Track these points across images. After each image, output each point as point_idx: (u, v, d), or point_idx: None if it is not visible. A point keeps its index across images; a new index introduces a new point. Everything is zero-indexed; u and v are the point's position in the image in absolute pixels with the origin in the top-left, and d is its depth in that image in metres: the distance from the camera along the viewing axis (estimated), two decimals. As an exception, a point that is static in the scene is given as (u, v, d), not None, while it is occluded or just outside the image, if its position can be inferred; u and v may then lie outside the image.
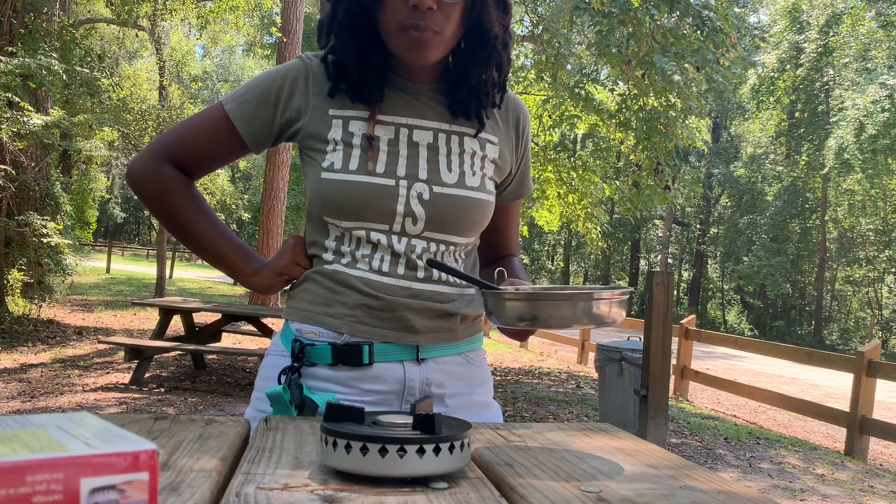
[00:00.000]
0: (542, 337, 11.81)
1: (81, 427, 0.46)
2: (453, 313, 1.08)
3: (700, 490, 0.69)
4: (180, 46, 26.24)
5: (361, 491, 0.63)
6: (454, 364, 1.10)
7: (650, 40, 6.77)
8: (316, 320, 1.07)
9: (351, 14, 1.01)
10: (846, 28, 22.93)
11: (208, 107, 1.13)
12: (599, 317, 0.84)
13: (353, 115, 1.06)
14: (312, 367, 1.05)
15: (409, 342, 1.05)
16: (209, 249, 1.13)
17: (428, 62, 1.02)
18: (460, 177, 1.07)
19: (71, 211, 11.17)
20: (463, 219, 1.06)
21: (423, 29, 0.97)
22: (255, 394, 1.12)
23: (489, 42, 1.04)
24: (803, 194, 26.89)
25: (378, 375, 1.05)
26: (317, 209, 1.06)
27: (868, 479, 4.88)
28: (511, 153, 1.16)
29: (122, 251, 40.08)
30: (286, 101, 1.08)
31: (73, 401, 5.38)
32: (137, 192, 1.13)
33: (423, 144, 1.06)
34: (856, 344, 24.36)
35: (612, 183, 10.81)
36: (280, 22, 12.47)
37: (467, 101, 1.08)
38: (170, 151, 1.10)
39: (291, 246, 1.12)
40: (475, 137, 1.10)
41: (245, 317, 6.79)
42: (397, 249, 1.04)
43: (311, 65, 1.09)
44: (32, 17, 9.02)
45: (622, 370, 5.45)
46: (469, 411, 1.11)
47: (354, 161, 1.03)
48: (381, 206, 1.03)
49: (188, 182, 1.12)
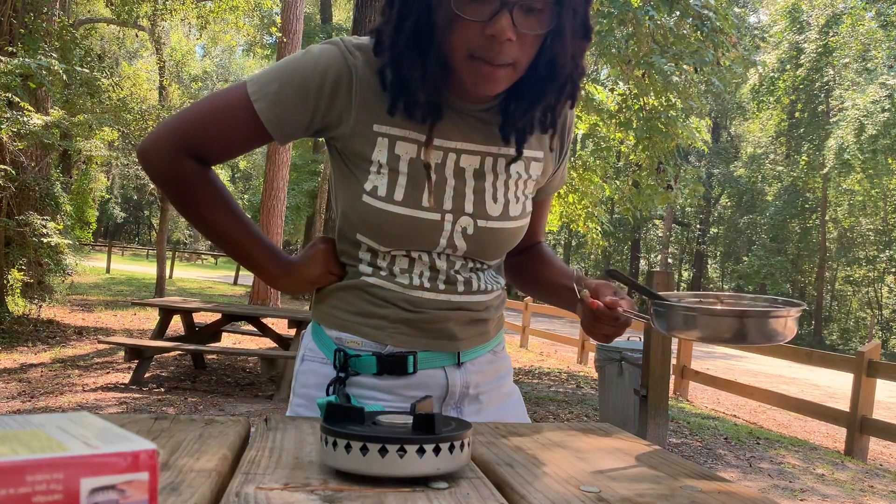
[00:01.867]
0: (543, 337, 11.81)
1: (81, 427, 0.46)
2: (488, 319, 1.10)
3: (700, 490, 0.69)
4: (180, 46, 26.26)
5: (361, 491, 0.63)
6: (486, 363, 1.12)
7: (650, 40, 6.77)
8: (355, 330, 1.05)
9: (418, 31, 0.90)
10: (846, 28, 22.92)
11: (231, 92, 1.00)
12: (773, 334, 0.83)
13: (399, 135, 0.99)
14: (357, 376, 1.05)
15: (450, 349, 1.06)
16: (237, 248, 1.07)
17: (494, 94, 0.96)
18: (505, 207, 1.04)
19: (71, 211, 11.16)
20: (502, 248, 1.07)
21: (497, 63, 0.89)
22: (295, 399, 1.09)
23: (564, 71, 0.95)
24: (803, 194, 26.88)
25: (422, 382, 1.05)
26: (352, 228, 1.02)
27: (868, 479, 4.88)
28: (554, 162, 1.13)
29: (122, 251, 40.07)
30: (327, 106, 0.98)
31: (73, 401, 5.38)
32: (155, 181, 1.05)
33: (469, 171, 1.01)
34: (856, 344, 24.36)
35: (612, 183, 10.81)
36: (280, 22, 12.48)
37: (523, 128, 1.01)
38: (189, 141, 1.01)
39: (324, 253, 1.08)
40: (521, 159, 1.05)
41: (245, 317, 6.80)
42: (438, 266, 1.03)
43: (355, 65, 0.97)
44: (32, 17, 9.02)
45: (622, 370, 5.45)
46: (499, 403, 1.14)
47: (400, 191, 0.98)
48: (425, 238, 1.00)
49: (210, 175, 1.05)
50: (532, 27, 0.88)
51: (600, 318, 0.97)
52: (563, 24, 0.90)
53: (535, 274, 1.21)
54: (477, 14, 0.86)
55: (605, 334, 0.99)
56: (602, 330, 0.99)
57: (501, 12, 0.85)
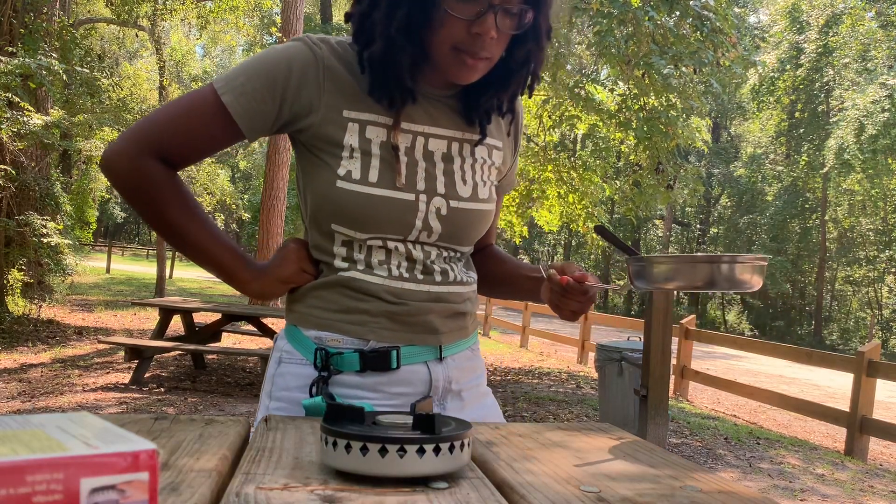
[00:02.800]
0: (543, 337, 11.81)
1: (81, 427, 0.46)
2: (466, 312, 1.12)
3: (700, 490, 0.69)
4: (180, 46, 26.26)
5: (361, 491, 0.63)
6: (466, 359, 1.13)
7: (649, 41, 6.77)
8: (337, 328, 1.04)
9: (409, 22, 0.95)
10: (846, 28, 22.92)
11: (198, 91, 1.01)
12: (740, 281, 0.93)
13: (369, 120, 1.01)
14: (339, 375, 1.04)
15: (432, 343, 1.07)
16: (202, 253, 1.04)
17: (470, 82, 1.02)
18: (473, 189, 1.08)
19: (71, 211, 11.16)
20: (473, 231, 1.10)
21: (479, 57, 0.97)
22: (273, 403, 1.06)
23: (529, 65, 1.04)
24: (803, 194, 26.88)
25: (405, 378, 1.05)
26: (326, 217, 1.02)
27: (868, 479, 4.88)
28: (511, 154, 1.19)
29: (122, 251, 40.08)
30: (294, 96, 1.00)
31: (73, 401, 5.38)
32: (117, 187, 1.02)
33: (437, 154, 1.05)
34: (856, 344, 24.36)
35: (612, 183, 10.81)
36: (280, 22, 12.49)
37: (487, 111, 1.08)
38: (154, 144, 0.99)
39: (295, 252, 1.07)
40: (483, 144, 1.10)
41: (245, 317, 6.80)
42: (415, 256, 1.05)
43: (321, 55, 1.00)
44: (32, 17, 9.02)
45: (622, 370, 5.45)
46: (478, 402, 1.15)
47: (374, 172, 1.00)
48: (401, 220, 1.01)
49: (175, 178, 1.03)
50: (511, 27, 0.97)
51: (569, 294, 1.02)
52: (536, 25, 1.00)
53: (493, 272, 1.25)
54: (465, 13, 0.94)
55: (572, 311, 1.04)
56: (570, 306, 1.03)
57: (488, 13, 0.94)
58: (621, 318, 10.78)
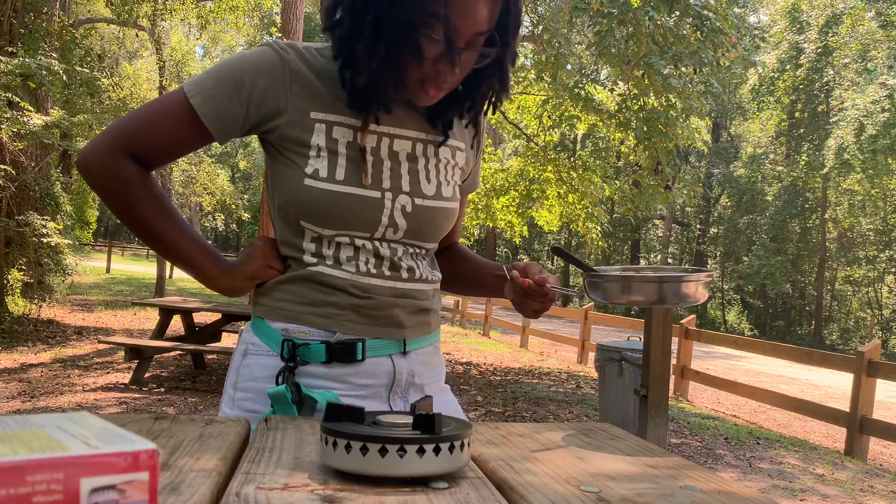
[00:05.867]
0: (543, 337, 11.82)
1: (81, 427, 0.46)
2: (430, 308, 1.15)
3: (700, 490, 0.69)
4: (180, 46, 26.25)
5: (361, 491, 0.63)
6: (428, 354, 1.17)
7: (649, 41, 6.77)
8: (304, 320, 1.07)
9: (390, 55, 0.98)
10: (846, 28, 22.93)
11: (169, 94, 1.06)
12: (686, 296, 0.98)
13: (336, 121, 1.05)
14: (306, 366, 1.07)
15: (396, 337, 1.10)
16: (172, 249, 1.08)
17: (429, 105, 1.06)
18: (437, 188, 1.11)
19: (71, 211, 11.17)
20: (438, 229, 1.14)
21: (441, 88, 1.01)
22: (238, 394, 1.09)
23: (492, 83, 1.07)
24: (803, 194, 26.89)
25: (370, 370, 1.08)
26: (295, 214, 1.05)
27: (868, 479, 4.88)
28: (474, 156, 1.23)
29: (122, 251, 40.07)
30: (261, 98, 1.03)
31: (73, 401, 5.38)
32: (93, 185, 1.06)
33: (402, 155, 1.08)
34: (856, 344, 24.36)
35: (612, 183, 10.81)
36: (280, 22, 12.47)
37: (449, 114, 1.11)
38: (128, 143, 1.04)
39: (262, 249, 1.10)
40: (446, 145, 1.14)
41: (245, 317, 6.78)
42: (382, 253, 1.08)
43: (288, 59, 1.04)
44: (32, 17, 9.02)
45: (622, 370, 5.45)
46: (440, 399, 1.18)
47: (341, 171, 1.03)
48: (367, 217, 1.05)
49: (148, 177, 1.07)
50: (474, 63, 1.01)
51: (530, 295, 1.08)
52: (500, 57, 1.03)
53: (459, 269, 1.30)
54: (431, 52, 0.97)
55: (534, 310, 1.10)
56: (532, 306, 1.09)
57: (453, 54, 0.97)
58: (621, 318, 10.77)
